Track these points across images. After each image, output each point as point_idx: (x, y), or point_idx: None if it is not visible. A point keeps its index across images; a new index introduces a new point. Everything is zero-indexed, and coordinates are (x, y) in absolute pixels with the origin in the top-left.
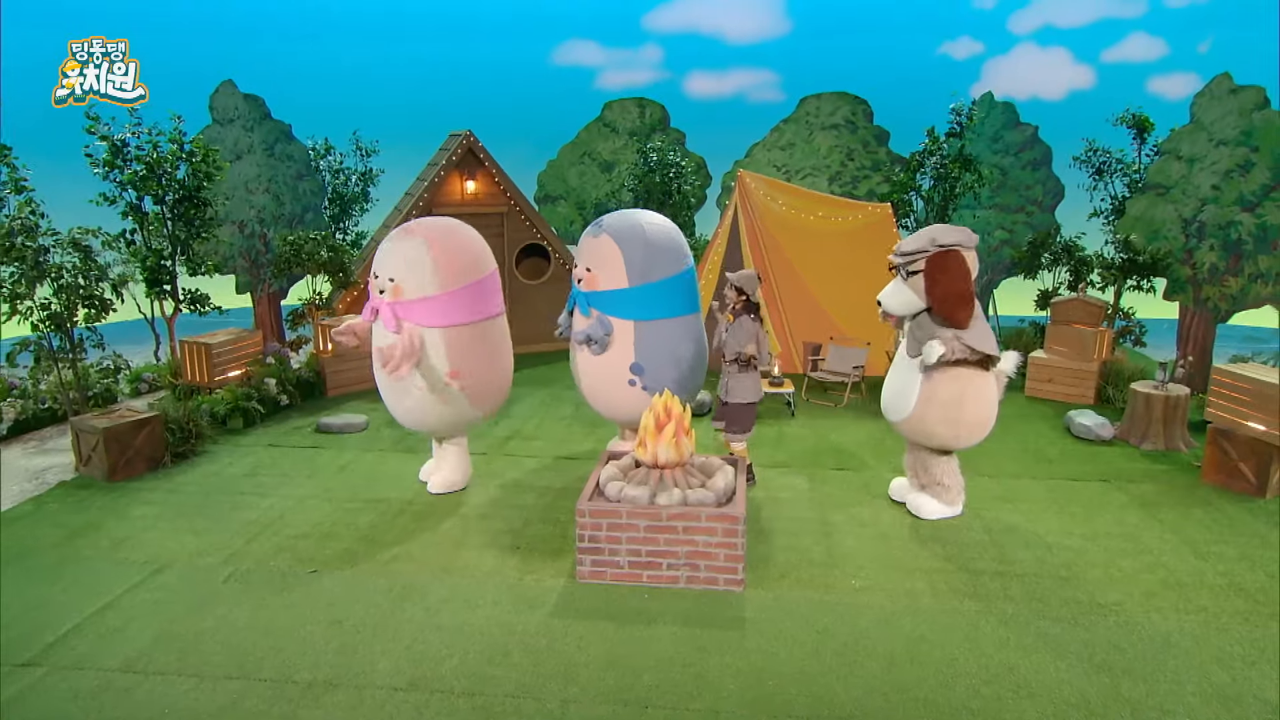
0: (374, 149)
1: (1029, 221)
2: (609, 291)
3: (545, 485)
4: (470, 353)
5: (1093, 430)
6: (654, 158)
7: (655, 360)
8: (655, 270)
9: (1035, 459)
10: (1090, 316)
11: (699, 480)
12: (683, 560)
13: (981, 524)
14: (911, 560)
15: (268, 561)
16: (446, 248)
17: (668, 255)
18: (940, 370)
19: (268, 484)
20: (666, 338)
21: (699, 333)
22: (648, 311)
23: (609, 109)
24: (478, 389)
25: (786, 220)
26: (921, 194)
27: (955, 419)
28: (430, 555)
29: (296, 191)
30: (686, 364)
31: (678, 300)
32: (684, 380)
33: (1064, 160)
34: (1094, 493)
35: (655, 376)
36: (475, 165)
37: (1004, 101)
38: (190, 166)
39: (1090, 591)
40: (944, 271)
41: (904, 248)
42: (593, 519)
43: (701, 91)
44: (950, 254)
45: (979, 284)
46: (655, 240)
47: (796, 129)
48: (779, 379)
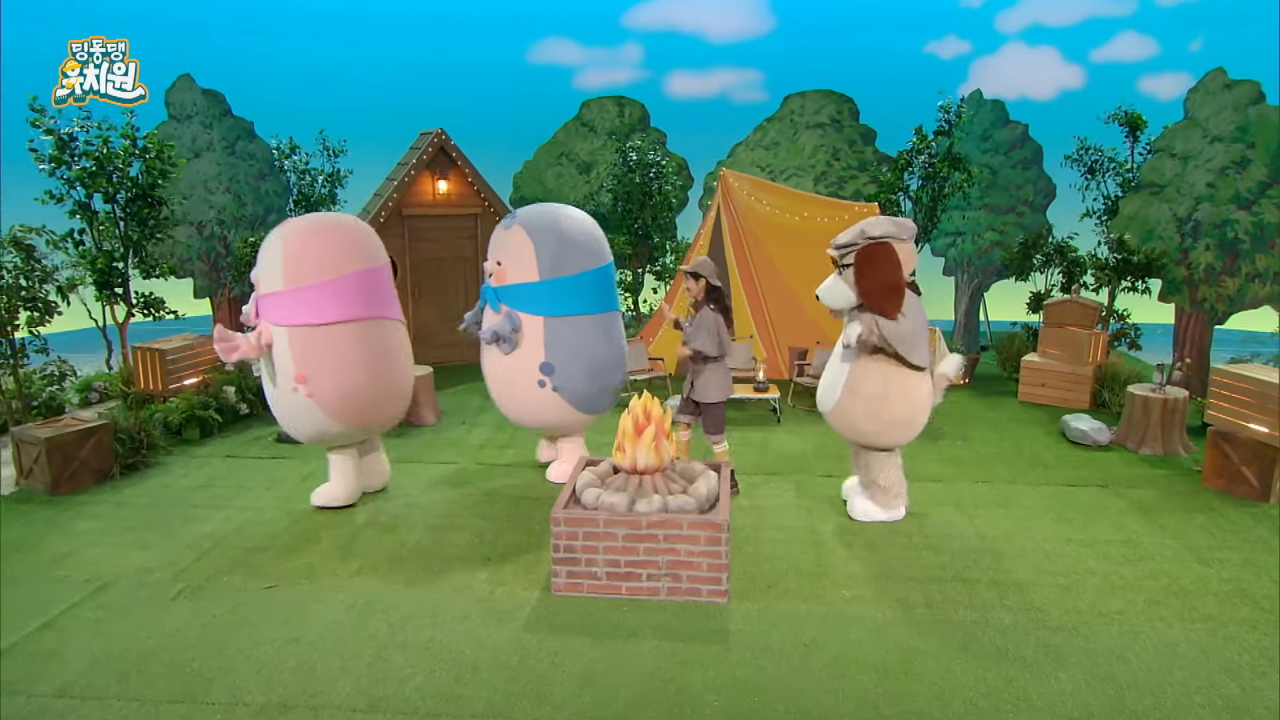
0: (341, 149)
1: (1020, 222)
2: (518, 285)
3: (519, 494)
4: (323, 357)
5: (1089, 435)
6: (633, 157)
7: (567, 359)
8: (568, 264)
9: (1030, 464)
10: (1084, 319)
11: (680, 486)
12: (663, 571)
13: (976, 531)
14: (904, 569)
15: (220, 577)
16: (305, 243)
17: (582, 249)
18: (864, 364)
19: (224, 496)
20: (579, 336)
21: (615, 332)
22: (559, 307)
23: (587, 108)
24: (333, 398)
25: (771, 221)
26: (909, 194)
27: (878, 414)
28: (396, 569)
29: (259, 192)
30: (601, 364)
31: (592, 296)
32: (598, 381)
33: (1055, 159)
34: (1092, 499)
35: (566, 377)
36: (447, 165)
37: (993, 100)
38: (144, 163)
39: (1091, 600)
40: (871, 263)
41: (839, 241)
42: (568, 528)
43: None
44: (879, 246)
45: (969, 287)
46: (569, 233)
47: (781, 128)
48: (764, 384)
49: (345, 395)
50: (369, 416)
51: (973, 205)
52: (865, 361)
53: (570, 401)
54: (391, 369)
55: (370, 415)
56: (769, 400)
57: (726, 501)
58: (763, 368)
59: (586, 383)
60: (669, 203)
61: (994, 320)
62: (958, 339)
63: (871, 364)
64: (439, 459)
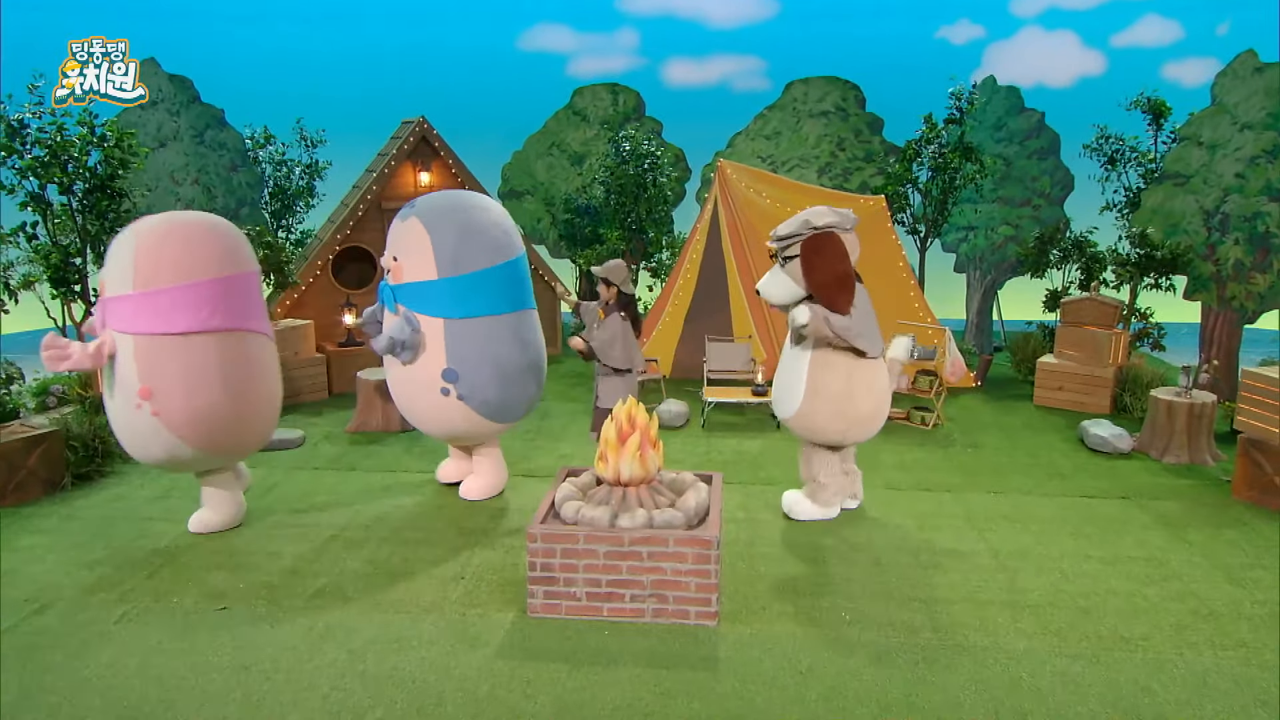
0: (320, 139)
1: (1036, 216)
2: (415, 284)
3: (500, 505)
4: (172, 371)
5: (1109, 442)
6: (627, 148)
7: (472, 365)
8: (471, 259)
9: (1046, 474)
10: (1104, 318)
11: (668, 499)
12: (648, 591)
13: (988, 547)
14: (909, 589)
15: (170, 598)
16: (161, 243)
17: (488, 242)
18: (824, 363)
19: (181, 509)
20: (485, 339)
21: (529, 334)
22: (461, 308)
23: (579, 96)
24: (182, 418)
25: (771, 214)
26: (918, 186)
27: (843, 413)
28: (361, 588)
29: (230, 184)
30: (513, 369)
31: (500, 294)
32: (509, 388)
33: (1073, 149)
34: (1113, 511)
35: (473, 384)
36: (430, 155)
37: (1007, 87)
38: (103, 153)
39: (1113, 624)
40: (818, 254)
41: (779, 232)
42: (545, 544)
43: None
44: (825, 236)
45: (982, 284)
46: (473, 225)
47: (783, 117)
48: (762, 388)
49: (197, 415)
50: (225, 440)
51: (986, 198)
52: (824, 360)
53: (479, 411)
54: (254, 388)
55: (227, 439)
56: (768, 404)
57: (717, 516)
58: (762, 369)
59: (496, 390)
60: (664, 196)
61: (1008, 319)
62: (970, 339)
63: (831, 362)
64: (415, 467)
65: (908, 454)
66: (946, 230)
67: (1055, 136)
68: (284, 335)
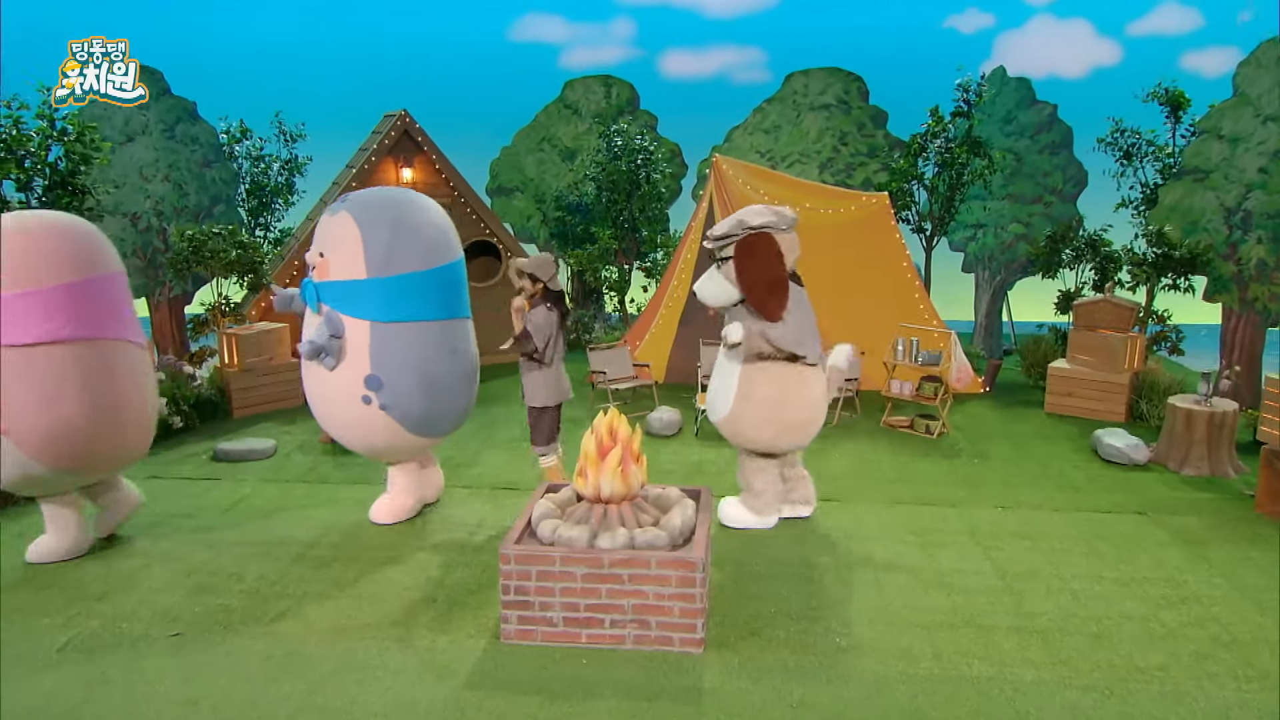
0: (300, 134)
1: (1047, 213)
2: (341, 282)
3: (477, 521)
4: (23, 385)
5: (1124, 453)
6: (619, 143)
7: (397, 373)
8: (403, 260)
9: (1057, 486)
10: (1119, 320)
11: (651, 517)
12: (629, 616)
13: (994, 567)
14: (909, 613)
15: (119, 623)
16: (8, 246)
17: (422, 243)
18: (756, 366)
19: (139, 525)
20: (413, 346)
21: (461, 344)
22: (390, 311)
23: (570, 89)
24: (36, 435)
25: None
26: (924, 182)
27: (774, 420)
28: (325, 613)
29: (203, 180)
30: (441, 380)
31: (432, 299)
32: (436, 400)
33: (1087, 143)
34: (1128, 528)
35: (396, 393)
36: (412, 150)
37: (1018, 78)
38: (64, 147)
39: (1127, 652)
40: (752, 256)
41: (715, 232)
42: (519, 566)
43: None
44: (760, 237)
45: (991, 285)
46: (408, 224)
47: (782, 110)
48: None
49: (52, 432)
50: (87, 458)
51: (995, 194)
52: (757, 365)
53: (401, 423)
54: (120, 401)
55: (89, 456)
56: None
57: (704, 536)
58: None
59: (422, 401)
60: (658, 192)
61: (1018, 321)
62: (978, 341)
63: (764, 367)
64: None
65: (910, 465)
66: (954, 228)
67: (1068, 130)
68: (257, 339)
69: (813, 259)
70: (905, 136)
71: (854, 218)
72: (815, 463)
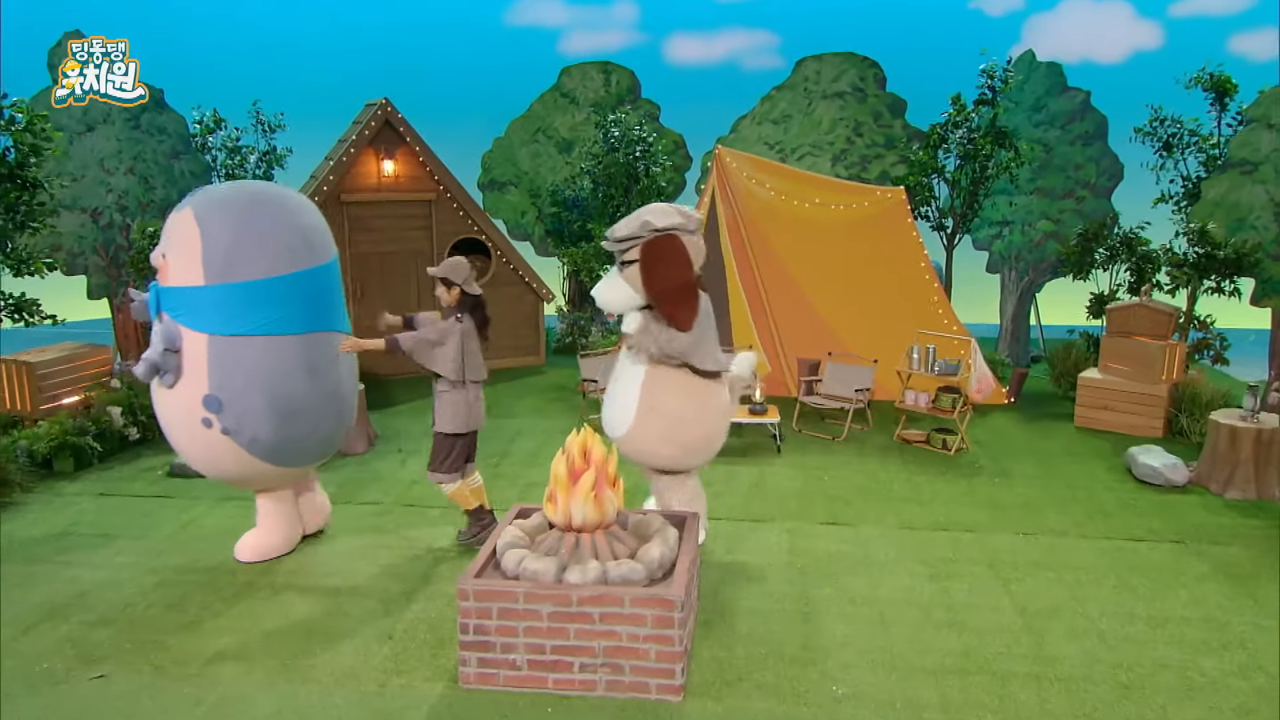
0: (279, 123)
1: (1079, 209)
2: (180, 289)
3: (449, 545)
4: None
5: (1161, 473)
6: (616, 133)
7: (242, 394)
8: (248, 264)
9: (1086, 511)
10: (1157, 326)
11: (628, 548)
12: (601, 660)
13: (1013, 602)
14: (917, 655)
15: (40, 662)
16: None
17: (273, 246)
18: (659, 379)
19: (80, 548)
20: (259, 363)
21: (324, 361)
22: (230, 323)
23: (567, 76)
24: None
25: (775, 208)
26: (945, 176)
27: (677, 436)
28: (269, 650)
29: (171, 173)
30: (298, 402)
31: (285, 311)
32: (290, 425)
33: (1123, 133)
34: (1164, 558)
35: (240, 417)
36: (395, 141)
37: (1048, 63)
38: (12, 137)
39: (1161, 705)
40: (658, 260)
41: (617, 233)
42: (479, 603)
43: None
44: (666, 239)
45: (1018, 286)
46: (255, 223)
47: (793, 98)
48: (760, 406)
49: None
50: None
51: (1022, 189)
52: (659, 378)
53: (249, 450)
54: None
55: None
56: (767, 425)
57: (685, 570)
58: (760, 386)
59: (272, 426)
60: (658, 187)
61: (1048, 325)
62: (1003, 348)
63: (667, 380)
64: (358, 498)
65: (925, 485)
66: (978, 225)
67: (1102, 119)
68: None
69: (822, 258)
70: (925, 127)
71: (867, 214)
72: (823, 482)
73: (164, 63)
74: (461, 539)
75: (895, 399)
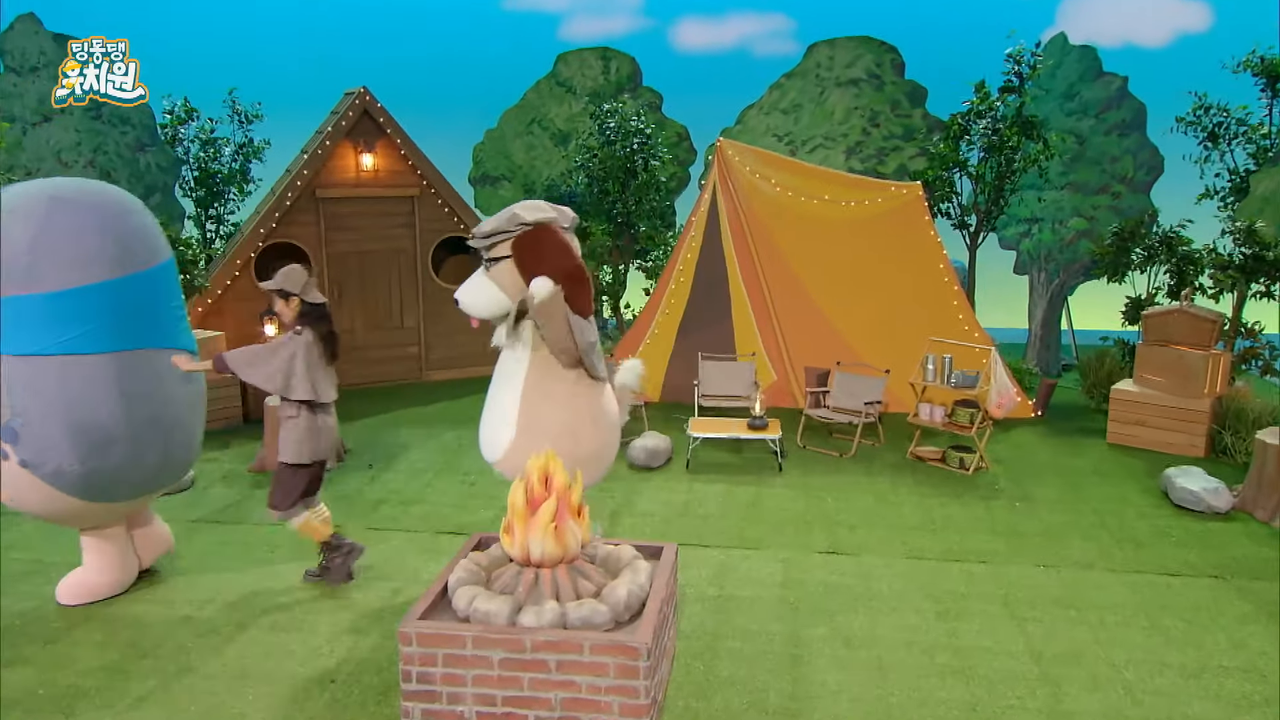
0: (256, 113)
1: (1115, 205)
2: None
3: (410, 572)
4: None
5: (1201, 498)
6: (612, 124)
7: (40, 422)
8: (52, 272)
9: (1115, 540)
10: (1198, 334)
11: (594, 585)
12: (557, 713)
13: (1028, 645)
14: (916, 707)
15: None
16: None
17: (83, 251)
18: (541, 390)
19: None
20: (62, 385)
21: (144, 384)
22: (27, 339)
23: (564, 63)
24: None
25: (781, 205)
26: (969, 170)
27: (569, 451)
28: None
29: (136, 166)
30: (108, 431)
31: (96, 326)
32: (102, 456)
33: (1164, 122)
34: (1201, 596)
35: (42, 448)
36: (374, 134)
37: (1081, 46)
38: None
39: None
40: (540, 246)
41: (481, 229)
42: (423, 648)
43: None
44: (541, 229)
45: (1048, 289)
46: (57, 225)
47: (804, 86)
48: (760, 420)
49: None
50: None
51: (1053, 183)
52: (540, 388)
53: (54, 484)
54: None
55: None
56: (769, 441)
57: (655, 612)
58: (760, 399)
59: (79, 458)
60: (657, 182)
61: (1081, 330)
62: (1032, 356)
63: (549, 390)
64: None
65: (938, 509)
66: (1004, 223)
67: (1141, 107)
68: None
69: (832, 259)
70: (947, 116)
71: (881, 211)
72: (826, 505)
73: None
74: (308, 577)
75: (910, 412)
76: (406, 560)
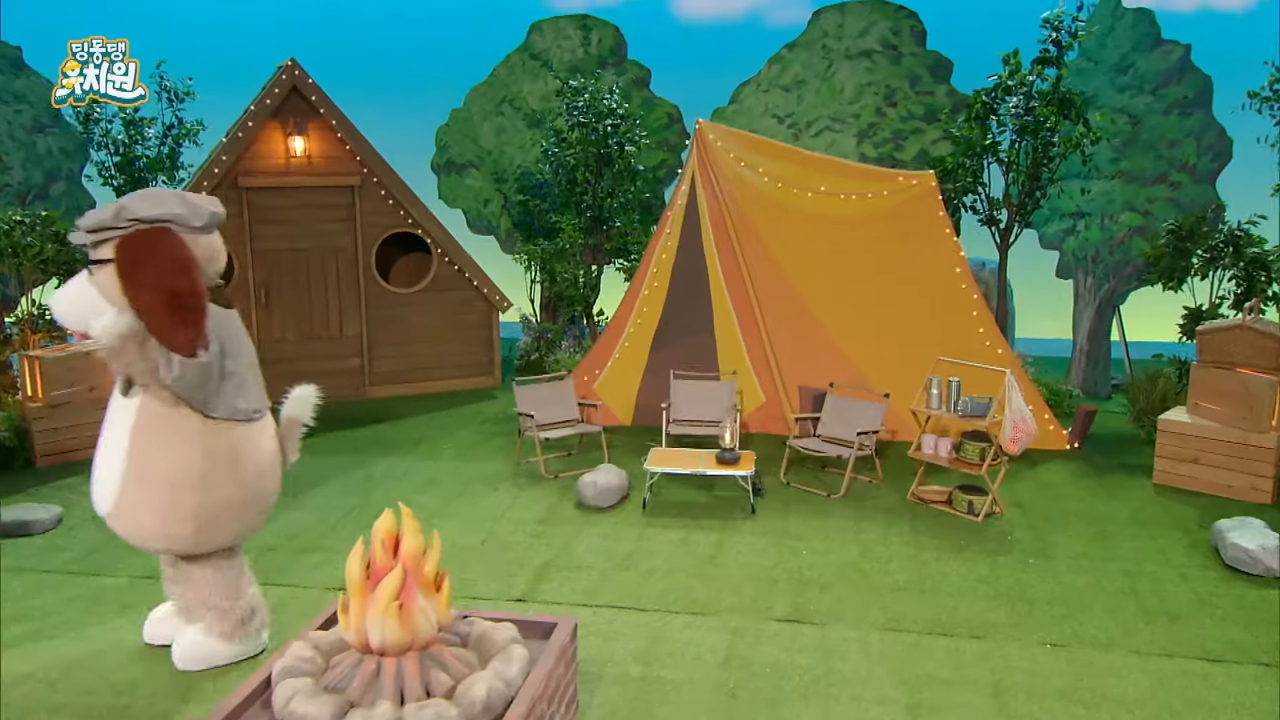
0: (188, 90)
1: (1174, 198)
2: None
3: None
4: None
5: (1258, 558)
6: (581, 103)
7: None
8: None
9: (1144, 612)
10: (1264, 355)
11: (451, 677)
12: None
13: None
14: None
15: None
16: None
17: None
18: (157, 431)
19: None
20: None
21: None
22: None
23: (538, 34)
24: None
25: (771, 199)
26: (999, 156)
27: (184, 506)
28: None
29: (33, 150)
30: None
31: None
32: None
33: (1233, 99)
34: (1246, 691)
35: None
36: (305, 113)
37: (1136, 10)
38: None
39: None
40: (137, 260)
41: (85, 223)
42: None
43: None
44: (153, 234)
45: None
46: None
47: (808, 59)
48: (730, 453)
49: None
50: None
51: (1102, 172)
52: (155, 427)
53: None
54: None
55: None
56: (743, 478)
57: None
58: (732, 428)
59: None
60: (634, 170)
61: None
62: (1076, 374)
63: (167, 430)
64: None
65: (932, 565)
66: (1045, 219)
67: (1206, 81)
68: (71, 364)
69: (831, 261)
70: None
71: (887, 205)
72: (797, 559)
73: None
74: None
75: (914, 443)
76: (283, 625)
